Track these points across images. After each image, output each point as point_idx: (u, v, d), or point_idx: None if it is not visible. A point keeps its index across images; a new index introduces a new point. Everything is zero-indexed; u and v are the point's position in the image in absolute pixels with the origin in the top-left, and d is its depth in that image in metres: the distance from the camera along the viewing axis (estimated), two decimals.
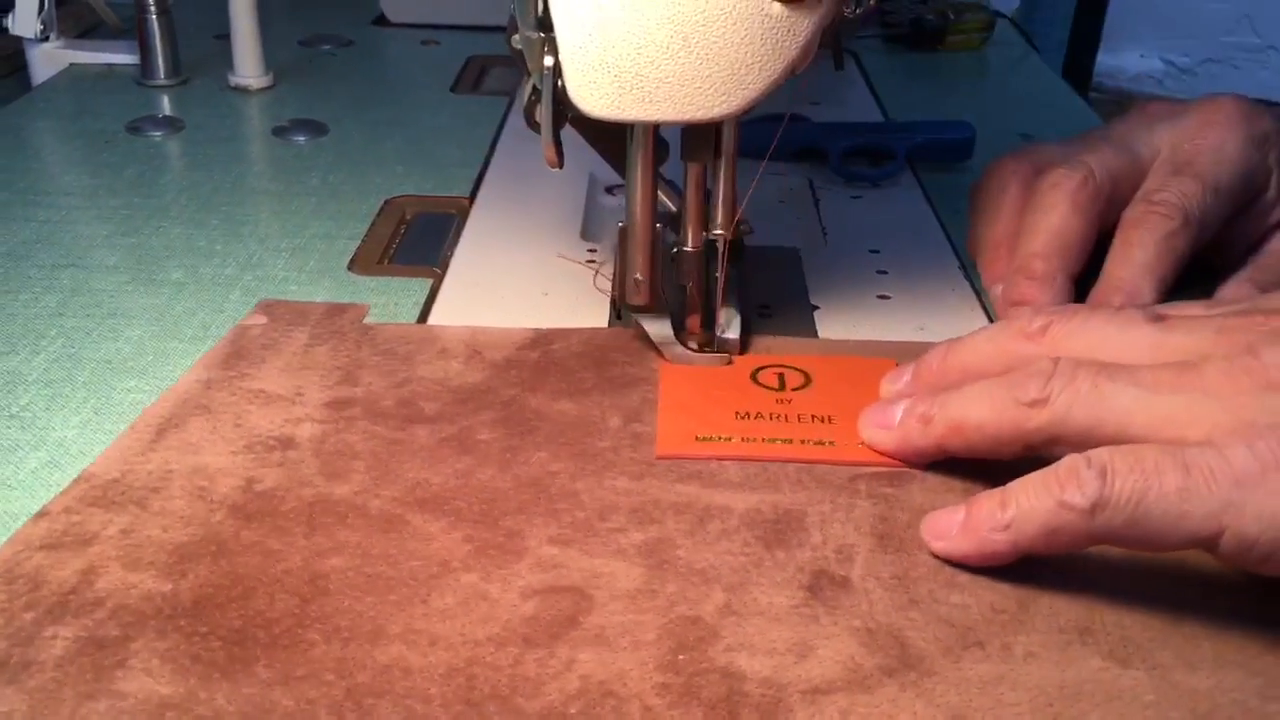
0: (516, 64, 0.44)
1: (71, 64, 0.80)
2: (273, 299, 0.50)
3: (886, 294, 0.52)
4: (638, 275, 0.44)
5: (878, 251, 0.56)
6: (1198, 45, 1.59)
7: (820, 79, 0.75)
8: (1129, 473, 0.32)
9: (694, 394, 0.44)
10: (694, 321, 0.46)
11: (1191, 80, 1.63)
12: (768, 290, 0.52)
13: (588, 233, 0.58)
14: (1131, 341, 0.37)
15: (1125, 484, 0.32)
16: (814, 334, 0.49)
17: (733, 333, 0.46)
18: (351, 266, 0.54)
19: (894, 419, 0.40)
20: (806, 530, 0.37)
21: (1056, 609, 0.34)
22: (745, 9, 0.38)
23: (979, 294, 0.52)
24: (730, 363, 0.46)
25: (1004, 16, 0.95)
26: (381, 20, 0.94)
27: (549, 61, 0.40)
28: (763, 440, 0.41)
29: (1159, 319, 0.37)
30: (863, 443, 0.41)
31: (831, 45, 0.46)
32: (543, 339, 0.47)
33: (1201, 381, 0.34)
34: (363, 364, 0.45)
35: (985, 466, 0.38)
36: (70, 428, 0.42)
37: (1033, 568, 0.35)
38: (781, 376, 0.45)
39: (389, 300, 0.51)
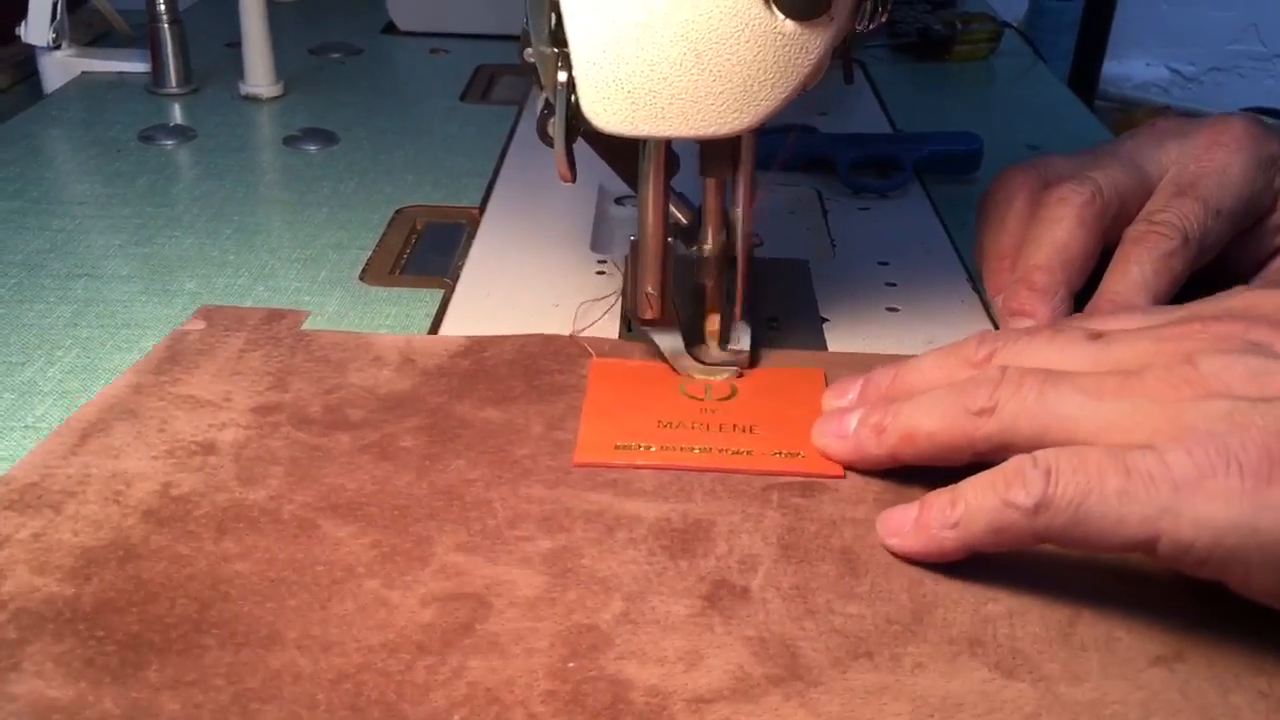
0: (529, 75, 0.45)
1: (83, 72, 0.80)
2: (213, 305, 0.50)
3: (895, 306, 0.53)
4: (649, 289, 0.45)
5: (886, 264, 0.57)
6: (1203, 54, 1.59)
7: (828, 90, 0.75)
8: (1072, 474, 0.33)
9: (619, 402, 0.44)
10: (713, 320, 0.46)
11: (1197, 89, 1.63)
12: (777, 302, 0.52)
13: (597, 244, 0.58)
14: (1073, 359, 0.37)
15: (1068, 486, 0.33)
16: (823, 346, 0.49)
17: (743, 345, 0.47)
18: (363, 277, 0.54)
19: (848, 428, 0.40)
20: (713, 540, 0.37)
21: (950, 620, 0.34)
22: (758, 26, 0.38)
23: (986, 306, 0.52)
24: (740, 375, 0.46)
25: (1011, 26, 0.95)
26: (391, 29, 0.94)
27: (562, 77, 0.41)
28: (681, 449, 0.41)
29: (1098, 336, 0.38)
30: (780, 452, 0.41)
31: (841, 58, 0.47)
32: (476, 346, 0.47)
33: (1143, 388, 0.34)
34: (295, 370, 0.45)
35: (901, 475, 0.40)
36: None
37: (933, 579, 0.36)
38: (708, 386, 0.45)
39: (401, 311, 0.51)
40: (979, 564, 0.36)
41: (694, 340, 0.46)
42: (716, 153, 0.44)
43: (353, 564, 0.36)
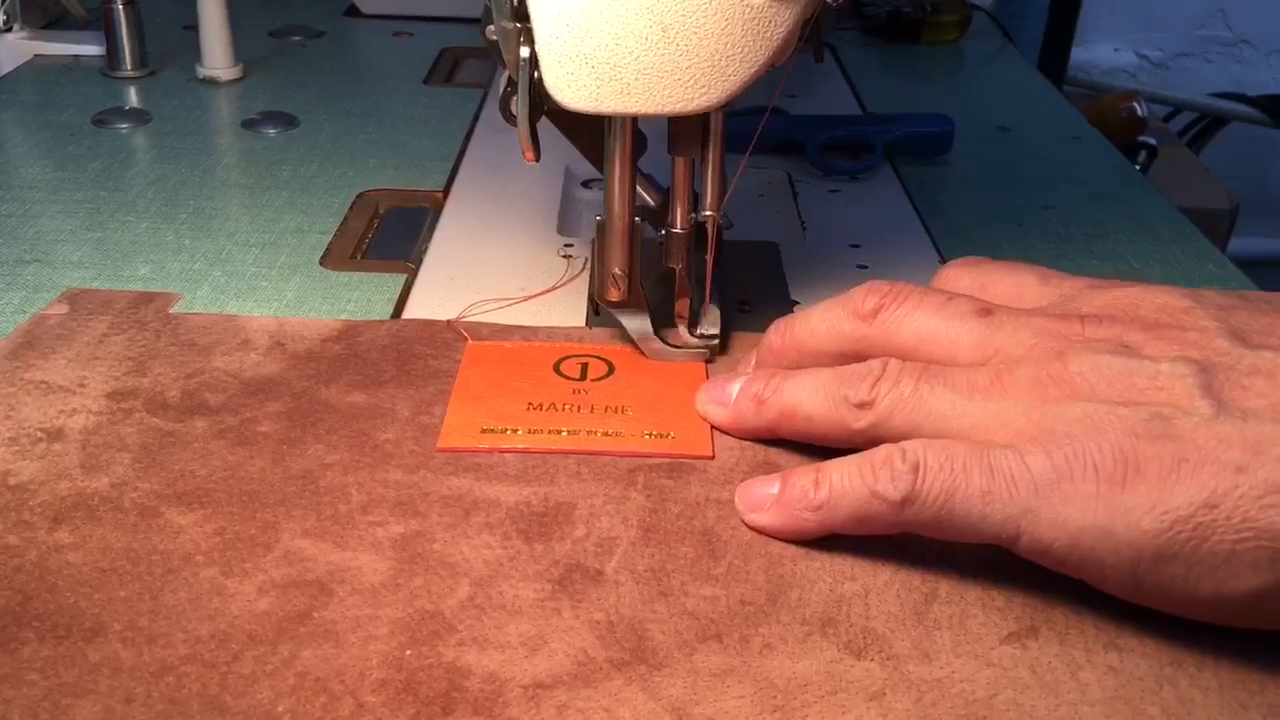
0: (492, 56, 0.44)
1: (36, 55, 0.78)
2: (78, 288, 0.49)
3: None
4: (616, 270, 0.44)
5: (858, 246, 0.56)
6: (1171, 39, 1.59)
7: (797, 72, 0.75)
8: (939, 471, 0.33)
9: (489, 385, 0.43)
10: (682, 305, 0.45)
11: (1164, 74, 1.64)
12: (747, 285, 0.51)
13: (564, 227, 0.57)
14: (956, 336, 0.37)
15: (935, 482, 0.33)
16: None
17: (712, 328, 0.46)
18: (324, 261, 0.53)
19: (730, 396, 0.41)
20: (572, 523, 0.36)
21: (805, 600, 0.34)
22: None
23: None
24: (710, 360, 0.45)
25: (981, 9, 0.95)
26: (353, 11, 0.92)
27: (525, 53, 0.39)
28: (548, 432, 0.41)
29: (986, 313, 0.37)
30: (650, 433, 0.41)
31: (811, 38, 0.46)
32: (350, 331, 0.46)
33: (1013, 388, 0.34)
34: (157, 354, 0.44)
35: (769, 457, 0.40)
36: None
37: (792, 559, 0.35)
38: (584, 366, 0.44)
39: (363, 295, 0.50)
40: (837, 543, 0.36)
41: (662, 324, 0.45)
42: (685, 131, 0.43)
43: (191, 552, 0.35)
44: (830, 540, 0.36)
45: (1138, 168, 0.95)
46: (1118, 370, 0.33)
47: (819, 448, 0.39)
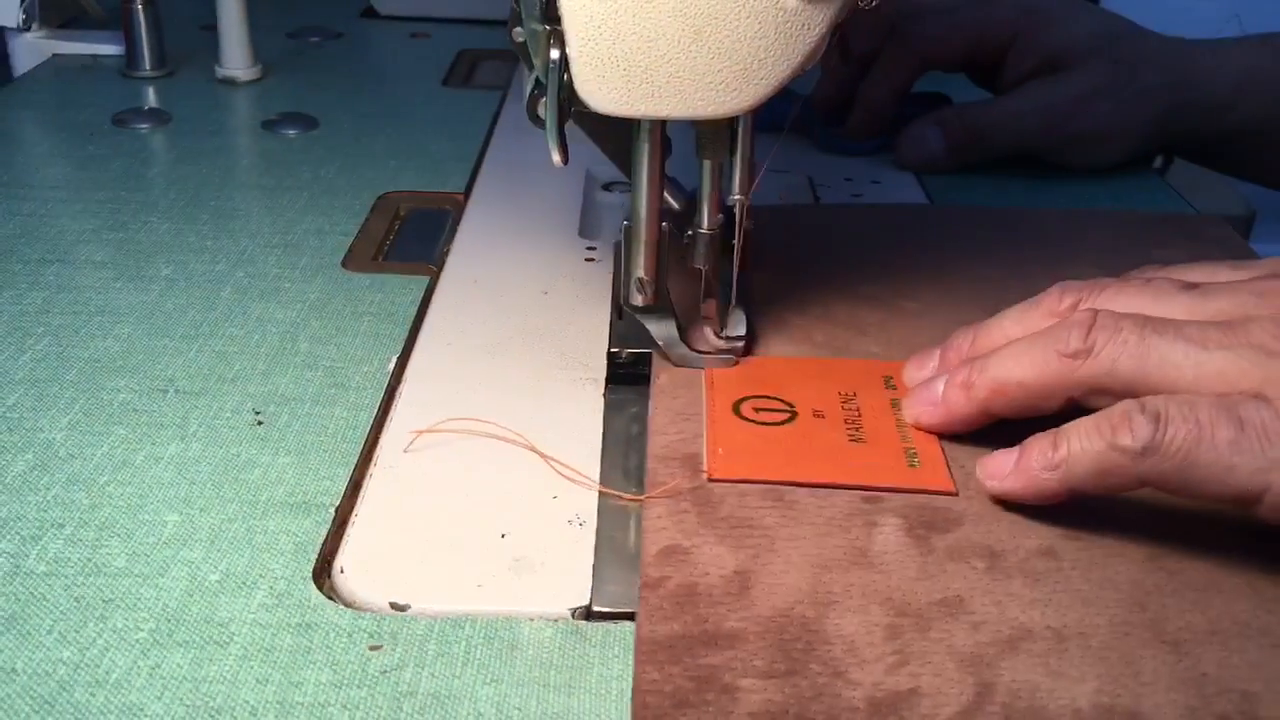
0: (519, 57, 0.43)
1: (54, 55, 0.78)
2: None
3: None
4: (642, 274, 0.43)
5: None
6: None
7: (813, 68, 0.74)
8: (1182, 422, 0.32)
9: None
10: (710, 307, 0.45)
11: None
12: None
13: (586, 230, 0.57)
14: (1168, 308, 0.36)
15: (1178, 432, 0.32)
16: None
17: (739, 330, 0.45)
18: (346, 263, 0.53)
19: (938, 394, 0.39)
20: None
21: None
22: (760, 2, 0.37)
23: None
24: (736, 363, 0.45)
25: None
26: (370, 12, 0.92)
27: (555, 55, 0.39)
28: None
29: (1192, 287, 0.37)
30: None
31: (839, 38, 0.45)
32: None
33: (1249, 337, 0.34)
34: None
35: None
36: (59, 429, 0.40)
37: None
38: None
39: (385, 298, 0.50)
40: None
41: (688, 327, 0.45)
42: (713, 134, 0.43)
43: None
44: None
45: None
46: None
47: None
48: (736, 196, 0.43)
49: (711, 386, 0.43)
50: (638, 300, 0.44)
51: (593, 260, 0.53)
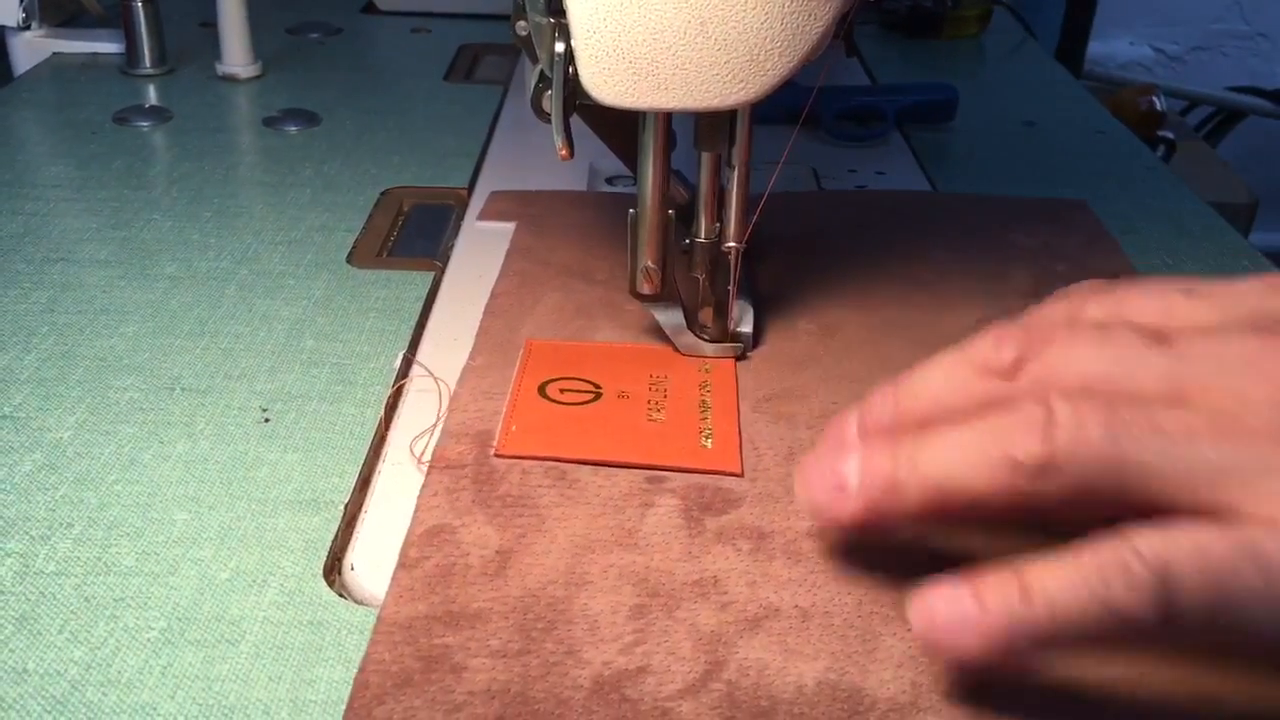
0: (523, 51, 0.43)
1: (54, 53, 0.78)
2: None
3: None
4: (648, 264, 0.43)
5: None
6: (1187, 33, 1.59)
7: (816, 65, 0.74)
8: (1198, 574, 0.26)
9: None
10: (706, 314, 0.45)
11: (1181, 68, 1.63)
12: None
13: None
14: (1134, 373, 0.29)
15: (1195, 586, 0.26)
16: None
17: (745, 326, 0.45)
18: (350, 259, 0.53)
19: (847, 479, 0.31)
20: None
21: None
22: None
23: None
24: (743, 356, 0.45)
25: (1001, 4, 0.94)
26: (370, 8, 0.92)
27: (560, 48, 0.39)
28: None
29: (1160, 340, 0.29)
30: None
31: (843, 32, 0.45)
32: None
33: (1252, 432, 0.27)
34: None
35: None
36: (65, 428, 0.40)
37: None
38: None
39: (391, 294, 0.49)
40: None
41: (694, 317, 0.45)
42: (713, 126, 0.42)
43: None
44: None
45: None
46: None
47: None
48: (731, 244, 0.43)
49: (523, 369, 0.43)
50: (645, 289, 0.44)
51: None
